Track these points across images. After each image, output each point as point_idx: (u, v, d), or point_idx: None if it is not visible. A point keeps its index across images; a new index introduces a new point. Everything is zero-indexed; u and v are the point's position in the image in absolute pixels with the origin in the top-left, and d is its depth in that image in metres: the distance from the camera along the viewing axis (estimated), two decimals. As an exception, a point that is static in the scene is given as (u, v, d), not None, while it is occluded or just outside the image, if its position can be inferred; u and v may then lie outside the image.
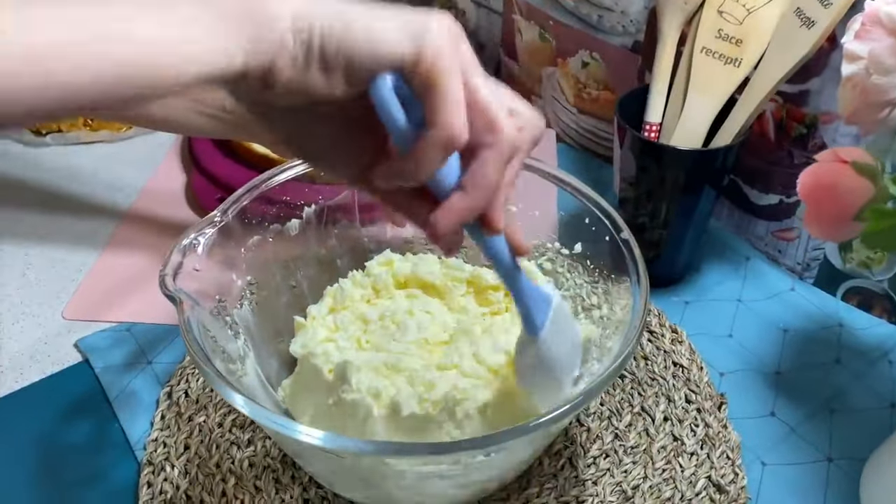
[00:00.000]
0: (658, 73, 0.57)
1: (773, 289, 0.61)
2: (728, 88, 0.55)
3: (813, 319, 0.59)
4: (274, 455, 0.48)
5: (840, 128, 0.56)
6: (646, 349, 0.56)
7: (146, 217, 0.68)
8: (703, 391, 0.53)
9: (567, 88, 0.77)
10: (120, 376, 0.53)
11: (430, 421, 0.42)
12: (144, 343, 0.56)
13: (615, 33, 0.69)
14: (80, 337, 0.56)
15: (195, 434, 0.50)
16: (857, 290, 0.60)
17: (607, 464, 0.49)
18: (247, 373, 0.45)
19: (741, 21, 0.53)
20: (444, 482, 0.40)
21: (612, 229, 0.46)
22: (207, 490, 0.47)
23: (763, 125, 0.61)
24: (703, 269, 0.63)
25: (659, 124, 0.58)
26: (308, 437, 0.34)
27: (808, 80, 0.56)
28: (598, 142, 0.77)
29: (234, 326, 0.46)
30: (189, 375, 0.53)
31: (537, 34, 0.77)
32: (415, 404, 0.42)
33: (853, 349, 0.56)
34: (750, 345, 0.57)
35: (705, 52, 0.55)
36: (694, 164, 0.55)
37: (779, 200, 0.63)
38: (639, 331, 0.40)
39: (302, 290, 0.52)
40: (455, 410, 0.42)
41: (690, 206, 0.57)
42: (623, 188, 0.59)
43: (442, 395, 0.42)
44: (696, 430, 0.50)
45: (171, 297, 0.40)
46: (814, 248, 0.62)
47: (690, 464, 0.49)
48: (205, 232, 0.44)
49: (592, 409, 0.52)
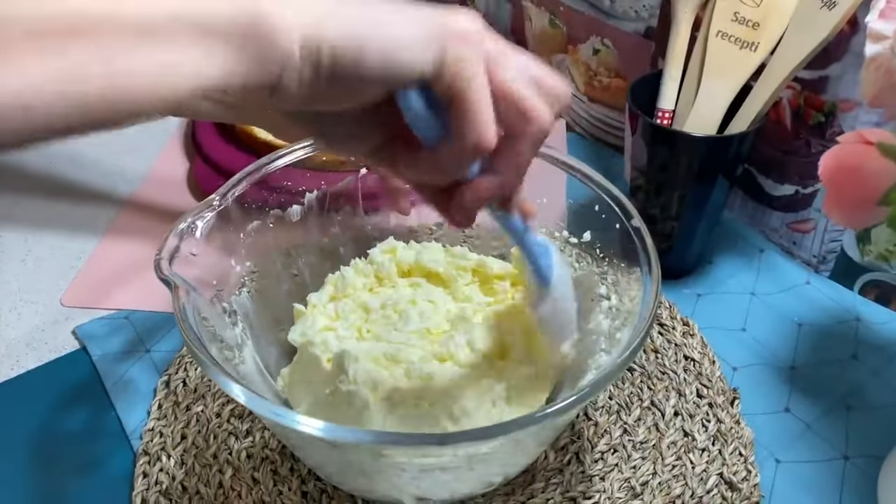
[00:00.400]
0: (671, 57, 0.55)
1: (788, 282, 0.59)
2: (744, 74, 0.53)
3: (829, 314, 0.57)
4: (272, 446, 0.47)
5: (860, 115, 0.54)
6: (656, 342, 0.54)
7: (147, 204, 0.67)
8: (715, 385, 0.51)
9: (577, 76, 0.75)
10: (117, 364, 0.52)
11: (427, 415, 0.40)
12: (143, 331, 0.55)
13: (628, 19, 0.68)
14: (78, 324, 0.55)
15: (192, 424, 0.49)
16: (876, 283, 0.58)
17: (615, 459, 0.47)
18: (244, 361, 0.43)
19: (759, 3, 0.51)
20: (446, 475, 0.39)
21: (622, 217, 0.44)
22: (204, 481, 0.46)
23: (779, 113, 0.59)
24: (715, 261, 0.61)
25: (672, 111, 0.57)
26: (304, 426, 0.33)
27: (828, 65, 0.54)
28: (608, 131, 0.75)
29: (232, 314, 0.45)
30: (187, 364, 0.52)
31: (547, 21, 0.75)
32: (410, 396, 0.40)
33: (871, 344, 0.54)
34: (764, 339, 0.55)
35: (721, 35, 0.53)
36: (707, 151, 0.53)
37: (794, 191, 0.61)
38: (649, 321, 0.39)
39: (303, 277, 0.51)
40: (452, 408, 0.40)
41: (703, 196, 0.55)
42: (634, 177, 0.57)
43: (440, 389, 0.40)
44: (708, 425, 0.49)
45: (166, 282, 0.39)
46: (830, 240, 0.60)
47: (701, 460, 0.47)
48: (203, 216, 0.43)
49: (600, 403, 0.50)
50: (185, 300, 0.39)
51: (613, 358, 0.40)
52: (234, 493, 0.45)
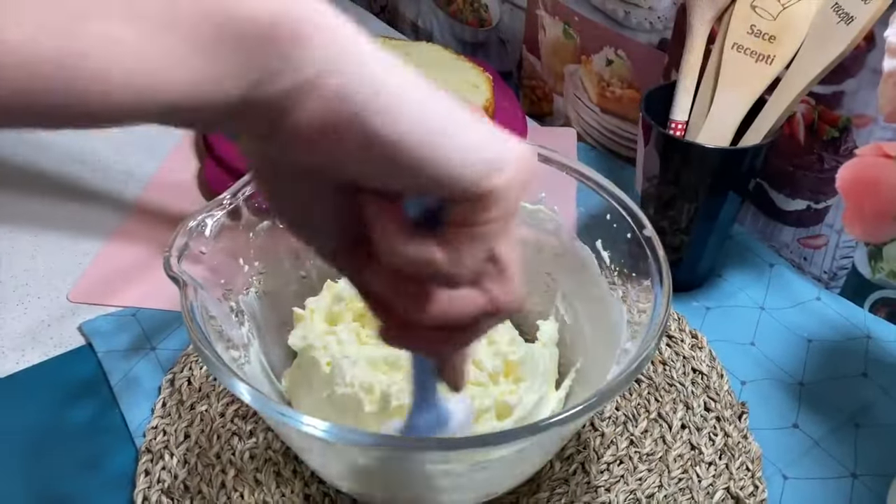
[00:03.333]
0: (686, 69, 0.55)
1: (798, 297, 0.59)
2: (759, 87, 0.53)
3: (839, 330, 0.57)
4: (276, 448, 0.47)
5: (875, 131, 0.54)
6: (664, 354, 0.54)
7: (157, 204, 0.67)
8: (723, 399, 0.51)
9: (590, 86, 0.75)
10: (123, 361, 0.52)
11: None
12: (149, 328, 0.55)
13: (642, 30, 0.68)
14: (85, 320, 0.55)
15: (196, 423, 0.48)
16: (886, 301, 0.58)
17: (621, 470, 0.47)
18: (250, 361, 0.43)
19: (775, 17, 0.51)
20: (448, 481, 0.39)
21: (634, 227, 0.44)
22: (206, 481, 0.45)
23: (793, 127, 0.59)
24: (725, 275, 0.61)
25: (685, 123, 0.56)
26: (307, 426, 0.33)
27: (843, 80, 0.54)
28: (619, 142, 0.75)
29: (239, 313, 0.44)
30: (192, 363, 0.52)
31: (561, 30, 0.75)
32: (405, 396, 0.40)
33: (881, 362, 0.54)
34: (773, 354, 0.55)
35: (736, 48, 0.53)
36: (720, 163, 0.53)
37: (806, 206, 0.61)
38: (659, 332, 0.38)
39: (311, 279, 0.51)
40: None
41: (714, 208, 0.55)
42: (645, 188, 0.57)
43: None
44: (715, 439, 0.48)
45: (175, 279, 0.39)
46: (841, 256, 0.60)
47: (708, 474, 0.47)
48: (213, 214, 0.43)
49: (607, 414, 0.50)
50: (194, 298, 0.39)
51: (621, 368, 0.39)
52: (237, 494, 0.45)
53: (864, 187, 0.35)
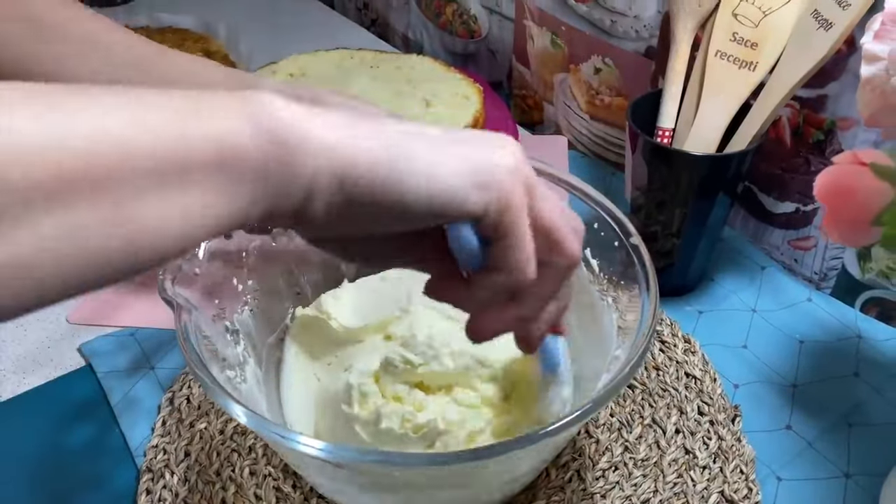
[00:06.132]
0: (671, 77, 0.56)
1: (790, 299, 0.60)
2: (743, 93, 0.53)
3: (830, 331, 0.57)
4: (275, 463, 0.48)
5: (859, 134, 0.55)
6: (657, 359, 0.54)
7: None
8: (716, 403, 0.51)
9: (579, 95, 0.76)
10: (122, 381, 0.53)
11: (408, 441, 0.40)
12: (148, 348, 0.55)
13: (628, 38, 0.68)
14: (84, 341, 0.56)
15: (196, 441, 0.49)
16: (877, 300, 0.58)
17: (616, 476, 0.47)
18: (246, 379, 0.44)
19: (756, 24, 0.52)
20: (445, 493, 0.39)
21: (621, 235, 0.45)
22: (207, 498, 0.46)
23: (779, 131, 0.59)
24: (716, 279, 0.62)
25: (672, 130, 0.57)
26: (303, 446, 0.33)
27: (826, 84, 0.55)
28: (609, 149, 0.75)
29: (234, 333, 0.45)
30: (191, 382, 0.52)
31: (549, 40, 0.76)
32: (396, 421, 0.40)
33: (872, 362, 0.54)
34: (765, 356, 0.55)
35: (720, 55, 0.53)
36: (707, 169, 0.54)
37: (795, 209, 0.61)
38: (647, 338, 0.39)
39: (306, 295, 0.51)
40: (435, 442, 0.40)
41: (704, 213, 0.56)
42: (635, 195, 0.58)
43: (426, 420, 0.40)
44: (709, 443, 0.49)
45: (168, 302, 0.40)
46: (832, 257, 0.60)
47: (703, 478, 0.47)
48: (206, 235, 0.44)
49: (602, 421, 0.50)
50: (188, 320, 0.39)
51: (611, 376, 0.40)
52: (237, 511, 0.45)
53: (840, 194, 0.36)
